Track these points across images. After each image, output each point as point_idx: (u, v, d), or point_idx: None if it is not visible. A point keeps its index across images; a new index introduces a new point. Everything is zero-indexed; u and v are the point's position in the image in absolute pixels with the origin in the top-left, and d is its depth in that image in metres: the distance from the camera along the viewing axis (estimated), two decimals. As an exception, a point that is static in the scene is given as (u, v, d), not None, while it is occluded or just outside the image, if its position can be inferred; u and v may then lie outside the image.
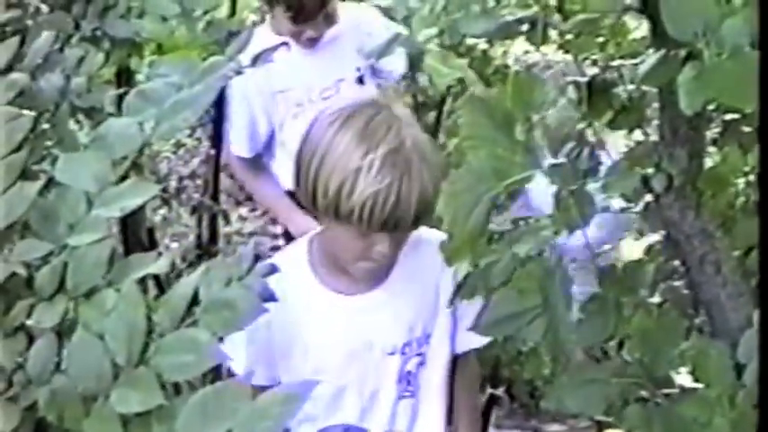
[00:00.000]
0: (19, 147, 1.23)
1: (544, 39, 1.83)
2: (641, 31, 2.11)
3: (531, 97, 1.50)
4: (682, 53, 1.32)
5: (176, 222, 4.90)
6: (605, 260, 1.75)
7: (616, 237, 2.80)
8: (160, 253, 2.97)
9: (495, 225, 1.64)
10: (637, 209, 1.69)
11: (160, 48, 3.14)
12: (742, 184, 1.90)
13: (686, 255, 1.66)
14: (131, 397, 1.07)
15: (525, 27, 1.81)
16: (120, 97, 1.35)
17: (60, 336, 1.16)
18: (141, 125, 1.24)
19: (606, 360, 1.84)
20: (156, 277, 3.12)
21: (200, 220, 4.47)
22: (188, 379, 1.10)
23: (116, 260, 1.18)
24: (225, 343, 1.11)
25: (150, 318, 1.10)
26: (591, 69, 1.99)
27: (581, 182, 1.57)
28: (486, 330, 1.75)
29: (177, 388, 1.10)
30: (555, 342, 1.58)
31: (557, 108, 1.67)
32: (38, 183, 1.21)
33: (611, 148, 1.74)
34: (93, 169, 1.22)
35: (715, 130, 2.03)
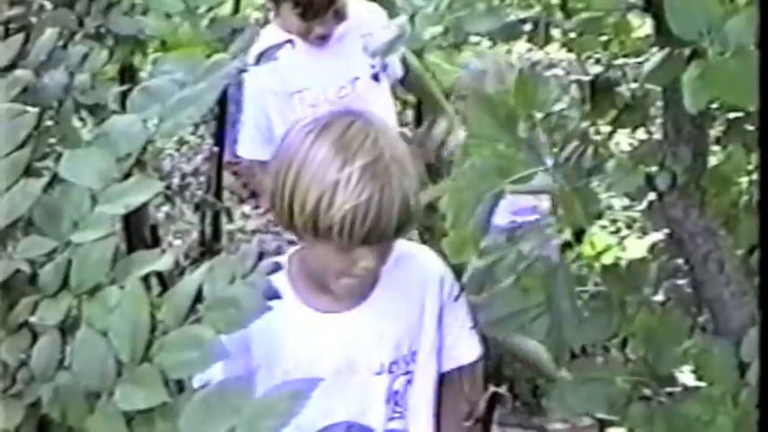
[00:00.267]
0: (23, 144, 1.23)
1: (547, 38, 1.83)
2: (644, 30, 2.11)
3: (535, 95, 1.50)
4: (686, 52, 1.31)
5: (179, 220, 4.90)
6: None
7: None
8: (163, 250, 2.97)
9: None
10: (640, 207, 1.69)
11: (164, 45, 3.13)
12: (745, 183, 1.90)
13: (690, 253, 1.66)
14: (135, 394, 1.07)
15: (529, 26, 1.81)
16: (123, 94, 1.35)
17: (64, 333, 1.16)
18: (145, 122, 1.24)
19: (609, 358, 1.84)
20: (160, 274, 3.12)
21: (203, 218, 4.48)
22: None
23: (119, 257, 1.18)
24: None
25: (154, 315, 1.10)
26: (594, 68, 1.99)
27: (585, 180, 1.57)
28: (488, 328, 1.75)
29: (181, 385, 1.10)
30: (558, 340, 1.58)
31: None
32: (42, 180, 1.21)
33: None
34: (96, 166, 1.22)
35: (719, 129, 2.02)
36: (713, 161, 1.84)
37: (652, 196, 1.66)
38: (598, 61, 2.07)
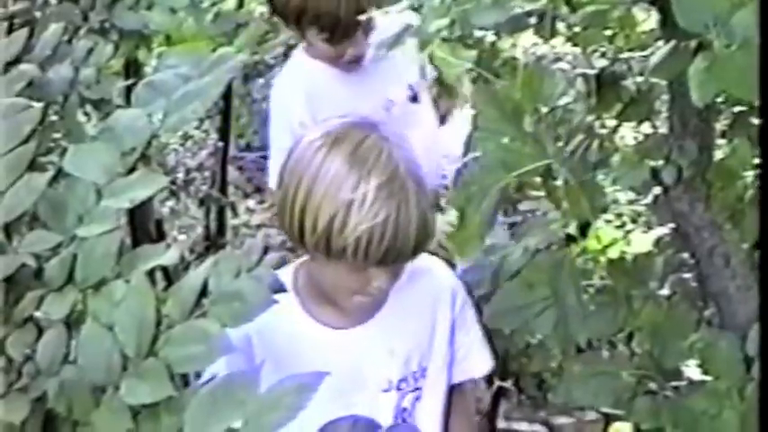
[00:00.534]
0: (27, 138, 1.23)
1: (553, 31, 1.82)
2: (649, 24, 2.10)
3: (541, 89, 1.49)
4: (692, 45, 1.31)
5: (184, 214, 4.90)
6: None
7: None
8: (168, 245, 2.97)
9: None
10: (646, 201, 1.69)
11: (168, 39, 3.13)
12: (751, 177, 1.90)
13: (695, 247, 1.66)
14: (141, 388, 1.07)
15: (534, 19, 1.80)
16: (128, 89, 1.35)
17: (69, 327, 1.16)
18: (150, 117, 1.24)
19: (615, 352, 1.84)
20: (165, 269, 3.12)
21: (207, 212, 4.48)
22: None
23: (124, 252, 1.18)
24: (204, 372, 1.06)
25: (159, 309, 1.10)
26: (599, 62, 1.98)
27: (590, 174, 1.57)
28: (493, 321, 1.75)
29: (185, 380, 1.10)
30: (565, 334, 1.58)
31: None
32: (47, 174, 1.21)
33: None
34: (102, 160, 1.22)
35: (724, 122, 2.02)
36: (719, 155, 1.83)
37: (657, 190, 1.66)
38: (603, 55, 2.07)
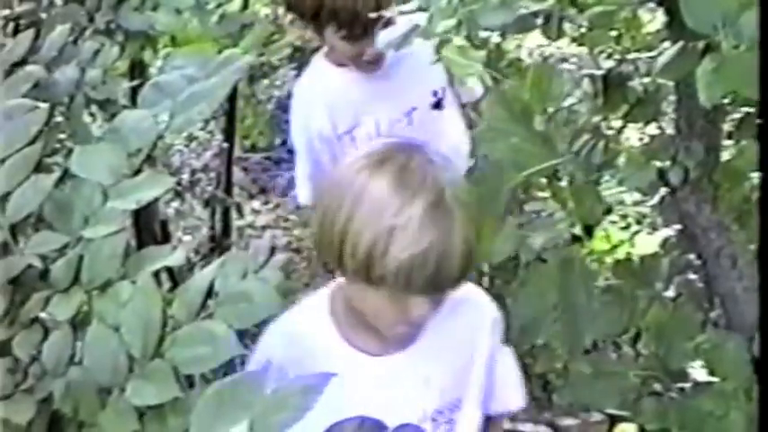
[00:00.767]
0: (34, 139, 1.23)
1: (559, 32, 1.82)
2: (655, 25, 2.10)
3: (550, 89, 1.49)
4: (700, 45, 1.31)
5: (189, 215, 4.90)
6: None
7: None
8: (175, 246, 2.96)
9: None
10: (651, 202, 1.68)
11: (174, 41, 3.13)
12: (758, 178, 1.89)
13: (702, 248, 1.66)
14: (147, 389, 1.07)
15: (540, 20, 1.80)
16: (134, 90, 1.34)
17: (75, 328, 1.16)
18: (156, 118, 1.24)
19: (620, 353, 1.84)
20: (170, 270, 3.12)
21: (213, 213, 4.48)
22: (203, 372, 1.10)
23: (130, 253, 1.18)
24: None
25: (165, 310, 1.10)
26: (606, 62, 1.98)
27: (596, 175, 1.57)
28: (515, 342, 1.73)
29: (191, 381, 1.10)
30: (574, 334, 1.57)
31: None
32: (53, 175, 1.21)
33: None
34: (108, 161, 1.22)
35: (731, 123, 2.01)
36: (725, 156, 1.83)
37: (664, 191, 1.65)
38: (610, 56, 2.06)
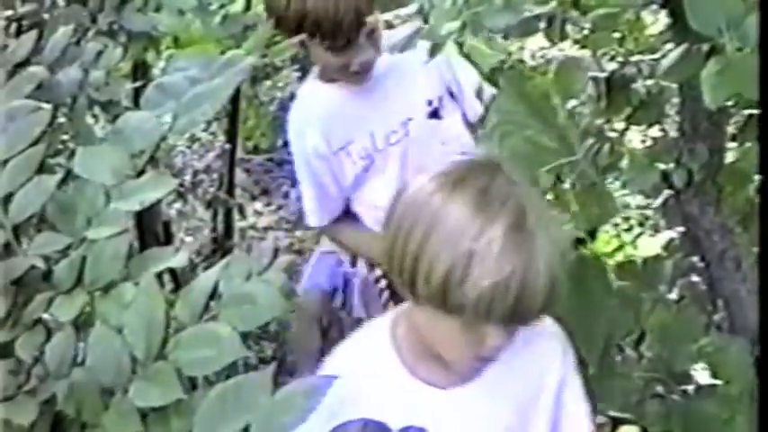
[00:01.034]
0: (37, 140, 1.23)
1: (562, 34, 1.81)
2: (658, 27, 2.10)
3: (572, 85, 1.48)
4: (704, 48, 1.31)
5: (191, 216, 4.90)
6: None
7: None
8: (178, 248, 2.96)
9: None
10: (655, 204, 1.69)
11: (176, 42, 3.13)
12: (759, 181, 1.89)
13: (706, 250, 1.66)
14: (150, 391, 1.06)
15: (543, 23, 1.80)
16: (137, 91, 1.34)
17: (78, 330, 1.16)
18: (159, 119, 1.24)
19: (624, 356, 1.83)
20: (173, 271, 3.12)
21: (215, 215, 4.48)
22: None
23: (133, 254, 1.18)
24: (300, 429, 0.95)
25: (169, 312, 1.10)
26: (609, 65, 1.98)
27: (601, 177, 1.57)
28: None
29: (193, 383, 1.09)
30: (589, 335, 1.56)
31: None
32: (56, 176, 1.21)
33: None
34: (111, 163, 1.22)
35: (734, 126, 2.01)
36: (729, 158, 1.83)
37: (668, 193, 1.65)
38: (613, 58, 2.06)
